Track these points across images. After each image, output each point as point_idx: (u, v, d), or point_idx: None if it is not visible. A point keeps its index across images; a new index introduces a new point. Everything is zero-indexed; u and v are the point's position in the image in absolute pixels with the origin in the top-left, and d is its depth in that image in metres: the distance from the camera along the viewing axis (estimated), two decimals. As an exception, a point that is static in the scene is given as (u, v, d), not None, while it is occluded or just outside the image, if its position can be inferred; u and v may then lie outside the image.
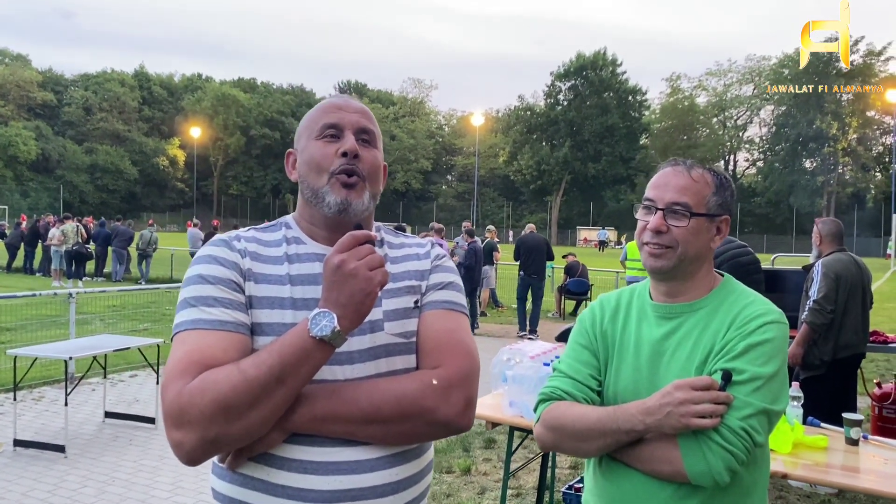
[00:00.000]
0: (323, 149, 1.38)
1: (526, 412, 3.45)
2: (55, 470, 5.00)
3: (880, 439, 3.27)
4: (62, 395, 5.57)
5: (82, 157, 66.48)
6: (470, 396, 1.34)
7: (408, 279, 1.44)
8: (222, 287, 1.31)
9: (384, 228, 1.55)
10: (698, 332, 1.59)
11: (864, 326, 5.24)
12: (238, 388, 1.16)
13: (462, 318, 1.44)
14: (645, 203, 1.66)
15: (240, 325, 1.28)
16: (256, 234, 1.43)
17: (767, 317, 1.54)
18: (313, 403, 1.25)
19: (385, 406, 1.26)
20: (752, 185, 66.42)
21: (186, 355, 1.23)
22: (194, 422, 1.17)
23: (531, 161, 69.03)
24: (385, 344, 1.35)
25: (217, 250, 1.36)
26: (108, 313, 11.74)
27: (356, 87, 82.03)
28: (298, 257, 1.39)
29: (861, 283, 5.19)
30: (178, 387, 1.19)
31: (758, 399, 1.46)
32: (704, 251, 1.64)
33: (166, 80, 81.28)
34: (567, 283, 14.46)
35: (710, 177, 1.65)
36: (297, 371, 1.19)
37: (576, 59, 69.64)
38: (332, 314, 1.19)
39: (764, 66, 66.66)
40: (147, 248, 19.25)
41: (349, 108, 1.42)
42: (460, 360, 1.35)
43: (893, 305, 17.77)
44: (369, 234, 1.24)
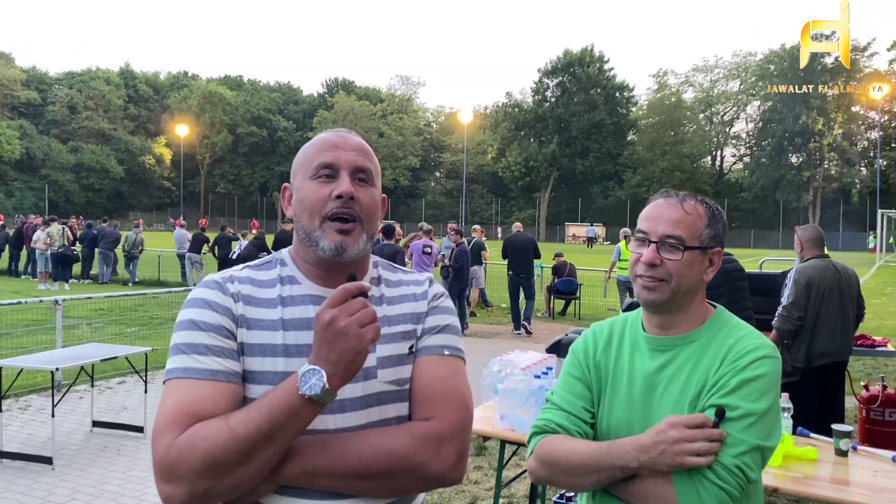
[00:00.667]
0: (317, 190, 1.35)
1: (517, 425, 3.44)
2: (42, 483, 4.95)
3: (870, 450, 3.28)
4: (49, 403, 5.53)
5: (67, 156, 65.97)
6: (462, 450, 1.32)
7: (403, 323, 1.41)
8: (214, 334, 1.29)
9: (382, 264, 1.51)
10: (691, 366, 1.59)
11: (843, 333, 5.19)
12: (227, 445, 1.16)
13: (458, 363, 1.41)
14: (638, 235, 1.64)
15: (231, 374, 1.27)
16: (251, 274, 1.40)
17: (760, 351, 1.54)
18: (302, 457, 1.23)
19: (375, 462, 1.25)
20: (739, 181, 66.88)
21: (177, 406, 1.22)
22: (183, 477, 1.16)
23: (519, 157, 69.17)
24: (378, 392, 1.33)
25: (210, 294, 1.34)
26: (95, 317, 11.67)
27: (344, 83, 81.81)
28: (293, 300, 1.36)
29: (839, 288, 5.13)
30: (168, 440, 1.18)
31: (751, 436, 1.46)
32: (698, 283, 1.63)
33: (152, 77, 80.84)
34: (556, 283, 14.48)
35: (702, 209, 1.64)
36: (286, 429, 1.18)
37: (563, 56, 69.81)
38: (322, 372, 1.17)
39: (750, 61, 67.13)
40: (133, 250, 19.12)
41: (345, 146, 1.38)
42: (453, 413, 1.32)
43: (880, 301, 17.91)
44: (362, 286, 1.21)
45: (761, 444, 1.47)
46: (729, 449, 1.45)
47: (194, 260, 18.42)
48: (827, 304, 5.06)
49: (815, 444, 3.28)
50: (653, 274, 1.59)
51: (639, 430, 1.56)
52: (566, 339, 3.78)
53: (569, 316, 14.61)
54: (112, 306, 12.63)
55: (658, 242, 1.59)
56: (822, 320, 5.05)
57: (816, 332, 5.04)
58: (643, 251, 1.61)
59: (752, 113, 68.95)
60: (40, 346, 8.29)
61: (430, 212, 68.69)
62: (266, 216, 68.01)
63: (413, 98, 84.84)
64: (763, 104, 64.80)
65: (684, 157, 65.16)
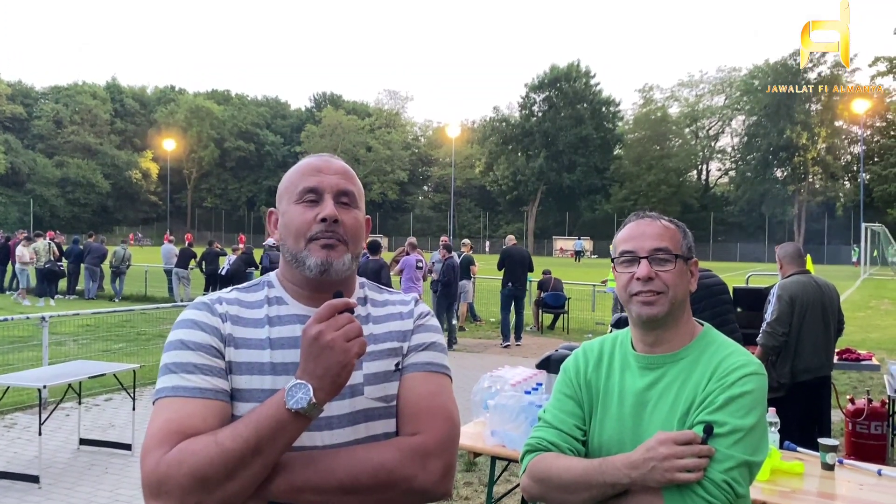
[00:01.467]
0: (302, 214, 1.38)
1: (508, 441, 3.46)
2: (29, 501, 4.90)
3: (855, 463, 3.32)
4: (35, 421, 5.48)
5: (53, 170, 65.57)
6: (449, 464, 1.34)
7: (390, 340, 1.43)
8: (202, 353, 1.31)
9: (368, 285, 1.53)
10: (680, 383, 1.62)
11: (825, 348, 5.25)
12: (214, 460, 1.18)
13: (443, 380, 1.44)
14: (624, 256, 1.68)
15: (219, 392, 1.29)
16: (239, 296, 1.43)
17: (746, 368, 1.57)
18: (291, 473, 1.25)
19: (362, 476, 1.26)
20: (725, 194, 67.40)
21: (165, 424, 1.24)
22: (171, 493, 1.18)
23: (507, 172, 69.43)
24: (365, 409, 1.36)
25: (199, 314, 1.36)
26: (81, 334, 11.58)
27: (332, 98, 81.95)
28: (280, 319, 1.39)
29: (821, 303, 5.18)
30: (156, 457, 1.20)
31: (739, 451, 1.49)
32: (686, 295, 1.70)
33: (139, 92, 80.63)
34: (543, 297, 14.52)
35: (674, 225, 1.72)
36: (273, 443, 1.20)
37: (550, 71, 70.25)
38: (309, 386, 1.19)
39: (735, 76, 67.83)
40: (121, 266, 19.00)
41: (328, 170, 1.41)
42: (439, 427, 1.35)
43: (864, 314, 18.08)
44: (348, 302, 1.24)
45: (749, 460, 1.50)
46: (717, 465, 1.48)
47: (181, 275, 18.32)
48: (810, 319, 5.11)
49: (802, 459, 3.32)
50: (651, 288, 1.62)
51: (630, 447, 1.59)
52: (556, 354, 3.80)
53: (557, 330, 14.65)
54: (99, 322, 12.54)
55: (648, 257, 1.64)
56: (806, 336, 5.09)
57: (800, 347, 5.08)
58: (634, 269, 1.65)
59: (737, 127, 69.63)
60: (26, 363, 8.22)
61: (419, 226, 68.78)
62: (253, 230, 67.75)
63: (401, 112, 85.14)
64: (748, 118, 65.47)
65: (670, 171, 65.65)
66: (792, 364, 5.07)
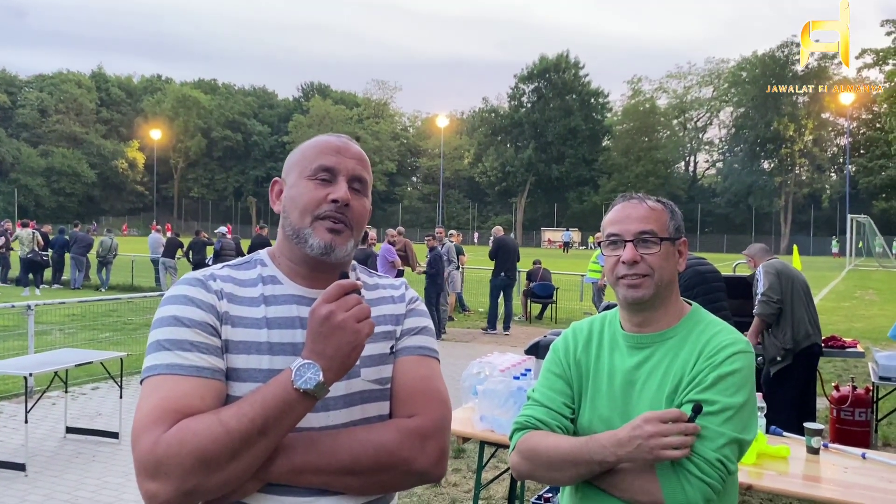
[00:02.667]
0: (313, 191, 1.36)
1: (497, 426, 3.47)
2: (15, 489, 4.87)
3: (840, 447, 3.36)
4: (21, 410, 5.45)
5: (38, 160, 64.90)
6: (444, 446, 1.35)
7: (384, 324, 1.42)
8: (198, 331, 1.28)
9: (358, 268, 1.52)
10: (668, 362, 1.63)
11: (814, 321, 5.63)
12: (219, 440, 1.15)
13: (434, 364, 1.45)
14: (611, 239, 1.69)
15: (216, 371, 1.26)
16: (232, 273, 1.40)
17: (735, 347, 1.59)
18: (292, 455, 1.24)
19: (363, 457, 1.26)
20: (712, 186, 67.68)
21: (162, 402, 1.19)
22: (171, 474, 1.14)
23: (496, 163, 69.42)
24: (361, 391, 1.35)
25: (193, 290, 1.32)
26: (67, 323, 11.51)
27: (319, 88, 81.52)
28: (275, 299, 1.36)
29: (802, 280, 5.64)
30: (153, 436, 1.16)
31: (729, 429, 1.51)
32: (674, 276, 1.70)
33: (125, 81, 79.90)
34: (532, 287, 14.57)
35: (661, 205, 1.72)
36: (280, 423, 1.18)
37: (539, 62, 70.20)
38: (318, 366, 1.18)
39: (723, 68, 68.01)
40: (107, 255, 18.88)
41: (347, 153, 1.40)
42: (435, 410, 1.36)
43: (849, 304, 18.25)
44: (356, 283, 1.23)
45: (739, 437, 1.52)
46: (709, 443, 1.50)
47: (168, 265, 18.23)
48: (796, 291, 5.51)
49: (788, 443, 3.35)
50: (636, 271, 1.63)
51: (618, 425, 1.60)
52: (545, 340, 3.81)
53: (545, 320, 14.70)
54: (85, 312, 12.46)
55: (634, 240, 1.64)
56: (797, 305, 5.47)
57: (795, 315, 5.45)
58: (620, 252, 1.65)
59: (724, 119, 69.93)
60: (11, 353, 8.15)
61: (407, 217, 68.65)
62: (241, 221, 67.47)
63: (389, 103, 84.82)
64: (735, 110, 65.72)
65: (658, 163, 65.86)
66: (792, 330, 5.42)
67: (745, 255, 6.04)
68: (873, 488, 2.85)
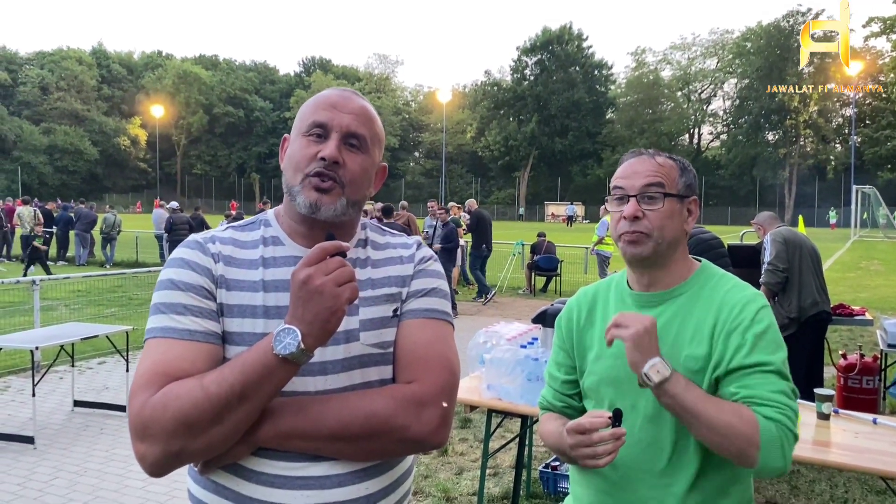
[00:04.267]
0: (305, 148, 1.33)
1: (504, 394, 3.46)
2: (24, 462, 4.90)
3: (850, 413, 3.34)
4: (29, 384, 5.45)
5: (40, 137, 64.76)
6: (445, 413, 1.29)
7: (388, 286, 1.38)
8: (193, 294, 1.27)
9: (370, 226, 1.48)
10: (680, 320, 1.60)
11: (822, 288, 5.61)
12: (199, 404, 1.15)
13: (444, 327, 1.39)
14: (616, 194, 1.64)
15: (209, 334, 1.26)
16: (234, 235, 1.38)
17: (757, 303, 1.56)
18: (278, 419, 1.22)
19: (353, 424, 1.23)
20: (716, 158, 67.31)
21: (153, 366, 1.21)
22: (156, 436, 1.16)
23: (499, 137, 69.06)
24: (360, 355, 1.31)
25: (190, 254, 1.32)
26: (73, 299, 11.53)
27: (321, 62, 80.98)
28: (275, 261, 1.34)
29: (810, 247, 5.61)
30: (141, 399, 1.17)
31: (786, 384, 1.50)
32: (679, 234, 1.64)
33: (125, 57, 79.42)
34: (537, 260, 14.54)
35: (672, 161, 1.67)
36: (260, 389, 1.16)
37: (542, 34, 69.54)
38: (297, 331, 1.15)
39: (727, 39, 67.29)
40: (111, 231, 18.90)
41: (343, 108, 1.34)
42: (436, 376, 1.31)
43: (854, 275, 18.21)
44: (340, 244, 1.19)
45: (793, 387, 1.53)
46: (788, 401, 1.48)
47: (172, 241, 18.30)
48: (804, 259, 5.50)
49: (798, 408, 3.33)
50: (636, 228, 1.59)
51: (626, 385, 1.59)
52: (552, 309, 3.79)
53: (550, 293, 14.68)
54: (90, 287, 12.48)
55: (637, 196, 1.60)
56: (805, 273, 5.47)
57: (803, 283, 5.44)
58: (623, 208, 1.61)
59: (728, 90, 69.32)
60: (18, 328, 8.17)
61: (410, 192, 68.46)
62: (244, 197, 67.40)
63: (391, 77, 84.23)
64: (740, 81, 65.11)
65: (662, 135, 65.42)
66: (798, 298, 5.43)
67: (753, 223, 6.01)
68: (885, 453, 2.84)
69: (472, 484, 4.49)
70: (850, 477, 4.64)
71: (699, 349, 1.55)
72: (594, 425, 1.46)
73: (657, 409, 1.55)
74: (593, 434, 1.46)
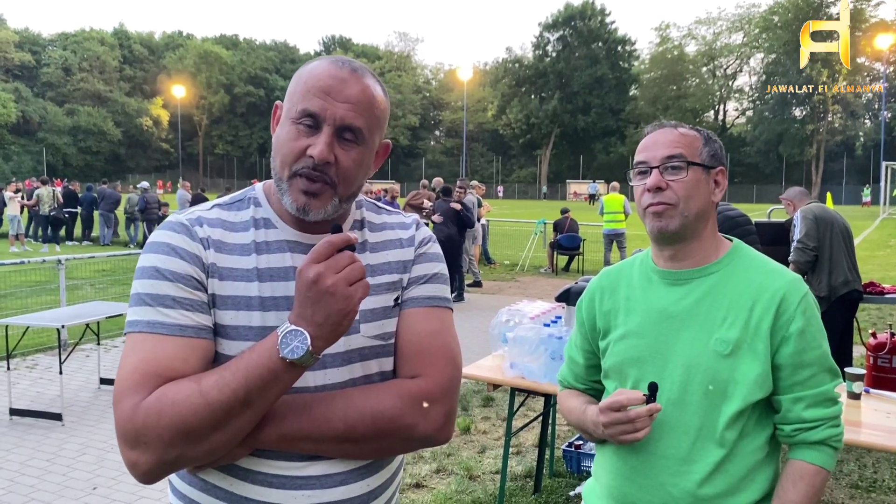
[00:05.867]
0: (294, 139, 1.18)
1: (527, 373, 3.43)
2: (53, 438, 4.98)
3: (882, 393, 3.27)
4: (56, 362, 5.54)
5: (64, 118, 65.43)
6: (450, 410, 1.24)
7: (388, 273, 1.30)
8: (181, 285, 1.16)
9: (366, 205, 1.38)
10: (712, 299, 1.55)
11: (854, 266, 5.55)
12: (199, 412, 1.06)
13: (445, 315, 1.32)
14: (638, 168, 1.59)
15: (201, 328, 1.16)
16: (221, 215, 1.25)
17: (799, 291, 1.53)
18: (281, 422, 1.15)
19: (360, 425, 1.17)
20: (742, 135, 66.33)
21: (142, 364, 1.10)
22: (151, 444, 1.07)
23: (520, 115, 68.57)
24: (360, 347, 1.24)
25: (176, 238, 1.19)
26: (98, 278, 11.67)
27: (341, 41, 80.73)
28: (267, 246, 1.23)
29: (842, 224, 5.50)
30: (132, 403, 1.07)
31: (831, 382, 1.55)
32: (706, 206, 1.58)
33: (147, 38, 79.76)
34: (558, 239, 14.43)
35: (695, 132, 1.62)
36: (265, 394, 1.08)
37: (564, 9, 68.76)
38: (306, 334, 1.06)
39: (753, 13, 65.98)
40: (134, 211, 19.09)
41: (338, 95, 1.17)
42: (441, 371, 1.24)
43: (884, 253, 17.91)
44: (349, 238, 1.09)
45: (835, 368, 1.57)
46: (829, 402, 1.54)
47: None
48: (835, 237, 5.42)
49: (827, 388, 3.27)
50: (661, 199, 1.54)
51: (652, 365, 1.56)
52: (576, 287, 3.74)
53: (572, 272, 14.60)
54: (115, 267, 12.61)
55: (660, 167, 1.55)
56: (836, 251, 5.39)
57: (833, 261, 5.38)
58: (647, 181, 1.56)
59: (755, 66, 68.15)
60: (44, 307, 8.29)
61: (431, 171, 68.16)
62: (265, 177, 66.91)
63: (411, 55, 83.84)
64: (766, 56, 63.91)
65: (686, 112, 64.52)
66: (829, 277, 5.38)
67: (783, 199, 5.89)
68: (918, 433, 2.77)
69: (495, 462, 4.49)
70: (880, 457, 4.58)
71: (731, 332, 1.51)
72: (631, 401, 1.47)
73: (681, 392, 1.51)
74: (631, 412, 1.46)
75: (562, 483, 4.25)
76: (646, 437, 1.49)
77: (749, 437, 1.52)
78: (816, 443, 1.51)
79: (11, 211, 17.85)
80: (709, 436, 1.50)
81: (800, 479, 1.50)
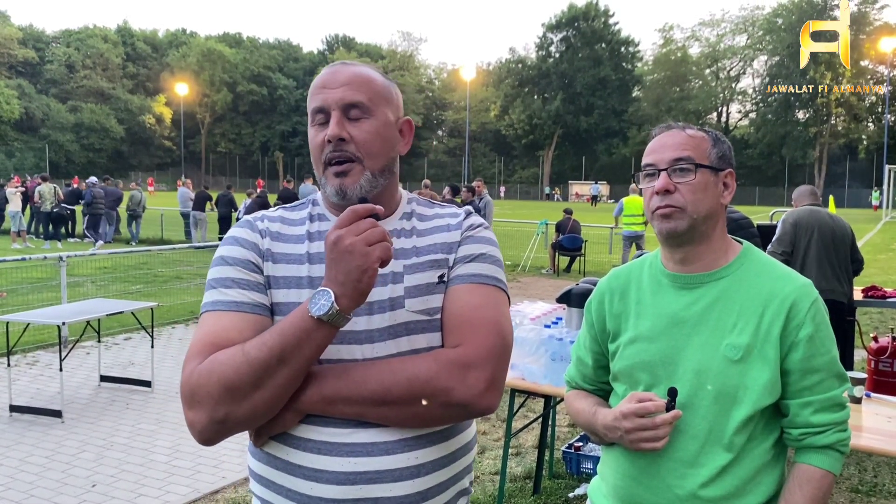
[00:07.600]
0: (315, 137, 1.35)
1: (527, 374, 3.42)
2: (52, 435, 4.99)
3: (883, 397, 3.27)
4: (56, 359, 5.54)
5: (67, 115, 65.52)
6: (493, 377, 1.26)
7: (433, 253, 1.36)
8: (240, 268, 1.33)
9: (419, 200, 1.48)
10: (723, 305, 1.54)
11: (835, 275, 5.36)
12: (240, 369, 1.18)
13: (494, 293, 1.35)
14: (646, 170, 1.58)
15: (256, 305, 1.30)
16: (284, 214, 1.44)
17: (809, 297, 1.53)
18: (322, 384, 1.24)
19: (395, 387, 1.23)
20: (745, 137, 66.23)
21: (203, 336, 1.26)
22: (203, 402, 1.20)
23: (523, 115, 68.53)
24: (406, 322, 1.30)
25: (240, 231, 1.39)
26: (99, 275, 11.68)
27: (344, 40, 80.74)
28: (319, 234, 1.37)
29: (830, 230, 5.34)
30: (190, 367, 1.23)
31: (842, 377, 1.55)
32: (715, 208, 1.57)
33: (150, 35, 79.81)
34: (560, 240, 14.41)
35: (703, 133, 1.61)
36: (299, 351, 1.18)
37: (567, 10, 68.70)
38: (330, 292, 1.17)
39: (757, 15, 65.90)
40: (136, 209, 19.11)
41: (333, 83, 1.33)
42: (483, 338, 1.27)
43: (885, 257, 17.87)
44: (372, 207, 1.21)
45: (844, 374, 1.56)
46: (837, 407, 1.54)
47: (198, 218, 18.45)
48: (816, 242, 5.27)
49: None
50: (669, 202, 1.53)
51: (662, 370, 1.54)
52: (577, 288, 3.73)
53: (573, 273, 14.58)
54: (116, 264, 12.63)
55: (668, 169, 1.54)
56: (811, 258, 5.25)
57: (806, 268, 5.21)
58: (654, 184, 1.55)
59: (758, 68, 68.01)
60: (45, 304, 8.30)
61: (433, 171, 68.31)
62: (268, 175, 67.71)
63: (415, 54, 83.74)
64: (770, 59, 63.83)
65: (689, 114, 64.42)
66: None
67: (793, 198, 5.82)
68: (919, 438, 2.76)
69: (495, 463, 4.48)
70: (880, 461, 4.57)
71: (741, 338, 1.50)
72: (659, 408, 1.47)
73: (690, 395, 1.51)
74: (656, 418, 1.47)
75: (561, 484, 4.24)
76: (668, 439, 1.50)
77: (757, 440, 1.52)
78: (824, 447, 1.51)
79: (13, 207, 17.88)
80: (717, 440, 1.50)
81: (807, 483, 1.49)
